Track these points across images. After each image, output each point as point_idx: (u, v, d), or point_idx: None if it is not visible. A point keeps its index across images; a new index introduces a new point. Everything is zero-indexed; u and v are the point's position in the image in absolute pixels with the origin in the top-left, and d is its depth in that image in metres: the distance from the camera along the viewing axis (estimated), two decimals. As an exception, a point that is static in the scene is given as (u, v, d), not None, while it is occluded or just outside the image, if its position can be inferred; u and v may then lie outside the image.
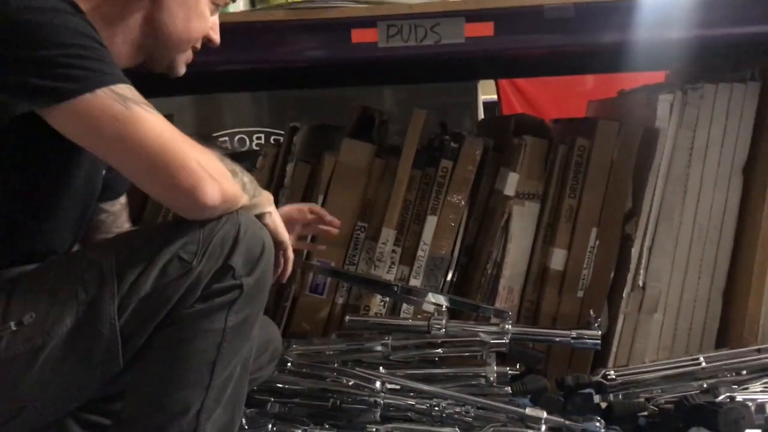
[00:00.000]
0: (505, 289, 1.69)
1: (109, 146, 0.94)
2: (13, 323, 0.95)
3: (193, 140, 0.98)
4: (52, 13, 0.92)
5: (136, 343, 0.99)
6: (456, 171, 1.69)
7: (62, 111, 0.91)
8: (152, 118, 0.94)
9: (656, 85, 1.94)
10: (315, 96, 2.70)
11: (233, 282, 1.00)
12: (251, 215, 1.06)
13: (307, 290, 1.74)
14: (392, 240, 1.71)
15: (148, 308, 0.97)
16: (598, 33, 1.50)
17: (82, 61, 0.92)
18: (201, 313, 0.99)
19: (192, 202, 0.96)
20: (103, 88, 0.92)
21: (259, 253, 1.03)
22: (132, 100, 0.94)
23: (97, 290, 0.96)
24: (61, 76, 0.90)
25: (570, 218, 1.68)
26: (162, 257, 0.97)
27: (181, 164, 0.93)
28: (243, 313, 1.02)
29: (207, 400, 1.01)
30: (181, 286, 0.97)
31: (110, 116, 0.91)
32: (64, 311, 0.96)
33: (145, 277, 0.97)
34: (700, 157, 1.63)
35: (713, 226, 1.64)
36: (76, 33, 0.93)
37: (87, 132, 0.93)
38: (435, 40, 1.46)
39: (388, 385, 1.41)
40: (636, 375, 1.48)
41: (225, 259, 0.99)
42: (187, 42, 1.13)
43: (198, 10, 1.12)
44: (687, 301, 1.66)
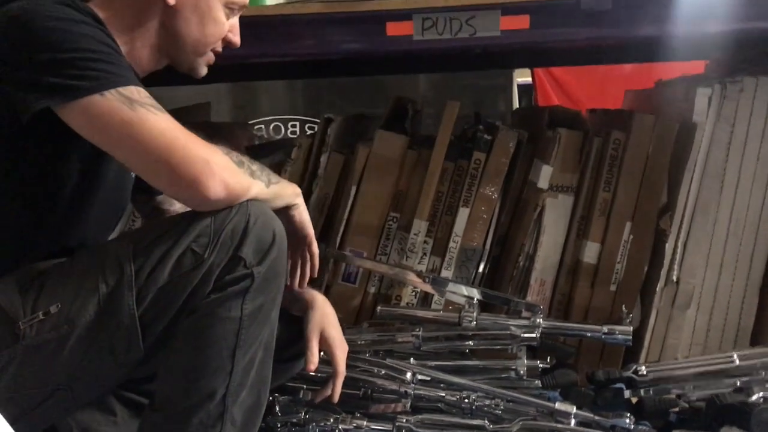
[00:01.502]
0: (537, 282, 1.70)
1: (116, 145, 1.01)
2: (41, 313, 1.01)
3: (197, 136, 1.03)
4: (72, 22, 1.00)
5: (155, 331, 1.04)
6: (489, 163, 1.69)
7: (74, 109, 0.98)
8: (156, 119, 1.00)
9: (695, 76, 1.92)
10: (350, 83, 2.71)
11: (245, 271, 1.04)
12: (262, 205, 1.08)
13: (340, 279, 1.76)
14: (424, 231, 1.72)
15: (165, 298, 1.03)
16: (635, 25, 1.48)
17: (95, 63, 0.99)
18: (217, 302, 1.03)
19: (195, 195, 1.01)
20: (111, 90, 0.99)
21: (270, 242, 1.06)
22: (138, 102, 1.00)
23: (116, 282, 1.02)
24: (75, 77, 0.98)
25: (604, 212, 1.67)
26: (176, 250, 1.02)
27: (183, 161, 0.99)
28: (258, 301, 1.06)
29: (231, 384, 1.05)
30: (195, 277, 1.02)
31: (117, 117, 0.98)
32: (86, 302, 1.02)
33: (161, 269, 1.02)
34: (738, 152, 1.60)
35: (750, 222, 1.62)
36: (93, 40, 1.01)
37: (96, 130, 1.00)
38: (470, 33, 1.46)
39: (418, 377, 1.42)
40: (668, 371, 1.48)
41: (235, 251, 1.03)
42: (204, 46, 1.18)
43: (212, 15, 1.17)
44: (721, 298, 1.64)
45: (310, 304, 1.27)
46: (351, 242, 1.74)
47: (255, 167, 1.12)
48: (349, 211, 1.73)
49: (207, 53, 1.19)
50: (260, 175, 1.12)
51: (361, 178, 1.73)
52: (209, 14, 1.16)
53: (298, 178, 1.76)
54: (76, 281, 1.03)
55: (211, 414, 1.05)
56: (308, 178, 1.77)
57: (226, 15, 1.19)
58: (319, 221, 1.78)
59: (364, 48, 1.51)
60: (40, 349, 1.01)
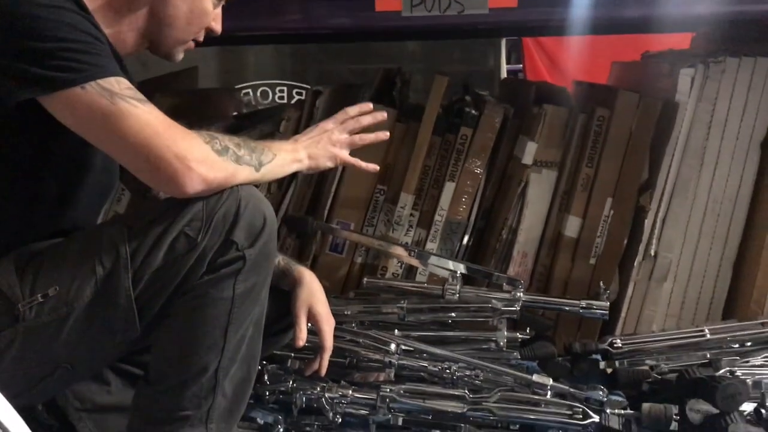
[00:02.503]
0: (520, 254, 1.74)
1: (98, 137, 1.03)
2: (39, 295, 1.04)
3: (178, 127, 1.04)
4: (56, 9, 1.00)
5: (151, 311, 1.08)
6: (475, 138, 1.72)
7: (55, 100, 1.00)
8: (136, 112, 1.01)
9: (680, 52, 1.94)
10: (338, 48, 2.70)
11: (236, 254, 1.07)
12: (253, 189, 1.10)
13: (328, 249, 1.80)
14: (410, 204, 1.75)
15: (159, 280, 1.06)
16: (624, 6, 1.49)
17: (78, 54, 0.99)
18: (210, 283, 1.07)
19: (175, 191, 1.04)
20: (91, 83, 0.99)
21: (261, 225, 1.09)
22: (119, 95, 1.01)
23: (112, 265, 1.05)
24: (58, 68, 0.98)
25: (586, 187, 1.70)
26: (170, 234, 1.05)
27: (159, 158, 1.01)
28: (250, 281, 1.09)
29: (223, 359, 1.10)
30: (189, 260, 1.05)
31: (97, 111, 1.00)
32: (84, 284, 1.04)
33: (156, 253, 1.05)
34: (718, 130, 1.64)
35: (727, 199, 1.67)
36: (75, 29, 1.01)
37: (78, 122, 1.02)
38: (458, 11, 1.47)
39: (402, 347, 1.47)
40: (641, 343, 1.53)
41: (227, 234, 1.06)
42: (189, 34, 1.20)
43: (201, 6, 1.18)
44: (697, 271, 1.70)
45: (298, 281, 1.31)
46: (339, 214, 1.77)
47: (242, 152, 1.12)
48: (337, 184, 1.76)
49: (189, 41, 1.21)
50: (249, 159, 1.13)
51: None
52: (198, 4, 1.17)
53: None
54: (73, 264, 1.06)
55: (204, 387, 1.09)
56: (297, 151, 1.78)
57: (213, 5, 1.20)
58: (307, 194, 1.80)
59: (353, 23, 1.52)
60: (40, 330, 1.04)
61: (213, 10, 1.20)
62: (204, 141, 1.06)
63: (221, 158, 1.07)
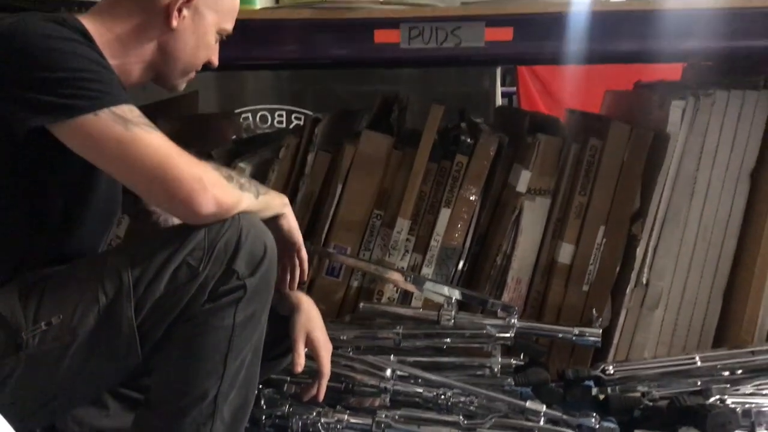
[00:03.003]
0: (514, 280, 1.76)
1: (111, 163, 1.05)
2: (43, 323, 1.06)
3: (189, 154, 1.07)
4: (66, 41, 1.04)
5: (153, 339, 1.10)
6: (471, 166, 1.75)
7: (67, 128, 1.02)
8: (150, 138, 1.04)
9: (672, 83, 1.98)
10: (336, 74, 2.74)
11: (237, 283, 1.09)
12: (254, 218, 1.13)
13: (324, 272, 1.82)
14: (407, 229, 1.77)
15: (161, 308, 1.08)
16: (616, 40, 1.53)
17: (88, 83, 1.02)
18: (210, 311, 1.09)
19: (188, 211, 1.06)
20: (104, 110, 1.02)
21: (262, 255, 1.11)
22: (132, 121, 1.04)
23: (115, 293, 1.07)
24: (69, 96, 1.01)
25: (579, 215, 1.73)
26: (172, 263, 1.07)
27: (175, 178, 1.03)
28: (250, 309, 1.12)
29: (222, 385, 1.12)
30: (190, 288, 1.07)
31: (111, 137, 1.02)
32: (87, 312, 1.07)
33: (158, 282, 1.07)
34: (709, 161, 1.67)
35: (718, 229, 1.70)
36: (84, 59, 1.04)
37: (90, 148, 1.04)
38: (455, 43, 1.50)
39: (397, 373, 1.49)
40: (633, 370, 1.56)
41: (228, 264, 1.09)
42: (193, 66, 1.24)
43: (206, 40, 1.22)
44: (688, 300, 1.72)
45: (296, 306, 1.33)
46: (336, 237, 1.79)
47: (243, 180, 1.17)
48: (335, 208, 1.78)
49: (191, 73, 1.25)
50: (249, 187, 1.17)
51: (347, 176, 1.78)
52: (204, 38, 1.21)
53: (285, 176, 1.80)
54: (76, 292, 1.08)
55: (203, 413, 1.11)
56: (295, 176, 1.81)
57: (216, 39, 1.24)
58: (305, 217, 1.82)
59: (352, 54, 1.55)
60: (42, 358, 1.06)
61: (214, 44, 1.24)
62: (213, 168, 1.10)
63: (230, 184, 1.11)
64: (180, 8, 1.17)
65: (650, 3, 1.50)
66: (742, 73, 1.77)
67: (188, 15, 1.18)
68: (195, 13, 1.19)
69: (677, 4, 1.49)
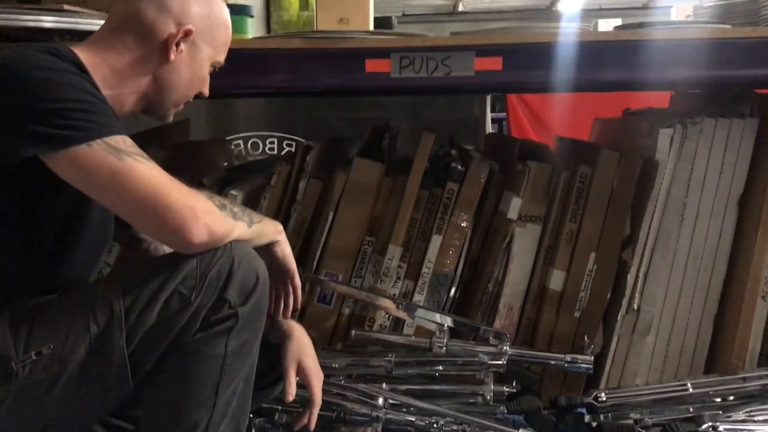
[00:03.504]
0: (505, 307, 1.76)
1: (103, 193, 1.06)
2: (33, 353, 1.05)
3: (181, 184, 1.07)
4: (59, 72, 1.05)
5: (144, 368, 1.09)
6: (461, 193, 1.76)
7: (61, 158, 1.02)
8: (142, 168, 1.04)
9: (660, 111, 2.00)
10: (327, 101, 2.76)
11: (229, 312, 1.09)
12: (246, 247, 1.14)
13: (316, 300, 1.81)
14: (398, 256, 1.78)
15: (153, 338, 1.07)
16: (604, 69, 1.55)
17: (81, 114, 1.03)
18: (202, 340, 1.09)
19: (180, 240, 1.06)
20: (98, 140, 1.03)
21: (254, 284, 1.11)
22: (124, 151, 1.04)
23: (106, 323, 1.06)
24: (62, 126, 1.01)
25: (570, 242, 1.74)
26: (164, 292, 1.07)
27: (168, 208, 1.03)
28: (242, 338, 1.12)
29: (214, 415, 1.12)
30: (182, 318, 1.07)
31: (104, 167, 1.03)
32: (78, 342, 1.06)
33: (150, 311, 1.07)
34: (697, 188, 1.69)
35: (707, 255, 1.71)
36: (78, 90, 1.05)
37: (83, 178, 1.04)
38: (445, 72, 1.52)
39: (389, 401, 1.48)
40: (626, 397, 1.56)
41: (220, 293, 1.09)
42: (185, 98, 1.26)
43: (201, 73, 1.24)
44: (679, 326, 1.73)
45: (288, 334, 1.32)
46: (327, 265, 1.79)
47: (237, 209, 1.18)
48: (326, 235, 1.79)
49: (182, 104, 1.27)
50: (242, 216, 1.17)
51: (338, 203, 1.79)
52: (199, 72, 1.23)
53: (276, 203, 1.81)
54: (67, 321, 1.07)
55: None
56: (287, 204, 1.82)
57: (210, 72, 1.26)
58: (297, 245, 1.82)
59: (343, 84, 1.56)
60: (32, 388, 1.05)
61: (207, 76, 1.26)
62: (206, 197, 1.10)
63: (222, 213, 1.11)
64: (178, 42, 1.18)
65: (636, 33, 1.52)
66: (729, 101, 1.79)
67: (185, 49, 1.20)
68: (192, 47, 1.21)
69: (663, 35, 1.52)
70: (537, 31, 1.58)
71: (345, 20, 3.11)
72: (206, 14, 1.22)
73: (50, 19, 1.46)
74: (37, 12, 1.45)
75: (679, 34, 1.52)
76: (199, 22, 1.20)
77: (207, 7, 1.22)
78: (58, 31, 1.51)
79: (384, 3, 6.79)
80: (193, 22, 1.19)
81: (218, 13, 1.24)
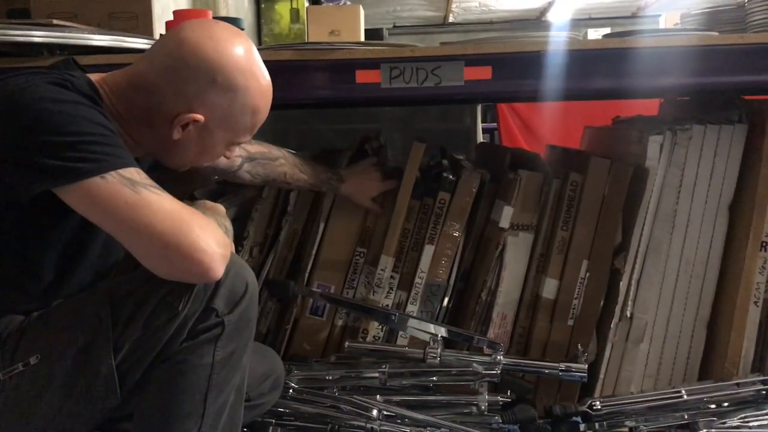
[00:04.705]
0: (499, 316, 1.76)
1: (119, 227, 1.02)
2: (20, 364, 1.05)
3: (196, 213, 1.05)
4: (72, 104, 1.03)
5: (132, 379, 1.09)
6: (453, 203, 1.76)
7: (74, 191, 1.00)
8: (160, 200, 1.02)
9: (649, 118, 2.01)
10: (318, 113, 2.76)
11: (216, 320, 1.09)
12: (235, 256, 1.13)
13: (308, 312, 1.81)
14: (390, 267, 1.77)
15: (140, 349, 1.07)
16: (593, 77, 1.56)
17: (95, 146, 1.01)
18: (189, 349, 1.08)
19: (202, 278, 1.04)
20: (112, 172, 1.01)
21: (242, 292, 1.11)
22: (140, 183, 1.02)
23: (94, 334, 1.06)
24: (75, 159, 0.99)
25: (562, 250, 1.74)
26: (151, 303, 1.06)
27: (192, 247, 1.00)
28: (229, 348, 1.11)
29: (203, 426, 1.11)
30: (170, 328, 1.06)
31: (120, 199, 1.00)
32: (65, 353, 1.06)
33: (137, 322, 1.06)
34: (688, 194, 1.69)
35: (699, 261, 1.71)
36: (91, 122, 1.03)
37: (97, 212, 1.02)
38: (435, 83, 1.52)
39: (384, 413, 1.48)
40: (620, 405, 1.56)
41: (207, 302, 1.08)
42: (191, 166, 1.25)
43: (211, 152, 1.22)
44: (672, 332, 1.73)
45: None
46: (319, 276, 1.79)
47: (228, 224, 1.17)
48: (318, 247, 1.78)
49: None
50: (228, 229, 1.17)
51: (330, 214, 1.79)
52: (208, 149, 1.21)
53: (268, 215, 1.80)
54: (55, 333, 1.07)
55: None
56: (278, 215, 1.82)
57: (228, 148, 1.23)
58: (289, 256, 1.82)
59: (334, 95, 1.56)
60: (19, 399, 1.05)
61: (224, 151, 1.24)
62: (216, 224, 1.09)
63: (227, 237, 1.11)
64: (185, 125, 1.15)
65: (625, 41, 1.53)
66: (719, 107, 1.80)
67: (194, 131, 1.16)
68: (203, 130, 1.16)
69: (652, 42, 1.53)
70: (526, 41, 1.59)
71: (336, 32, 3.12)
72: (227, 104, 1.15)
73: (40, 34, 1.45)
74: (26, 27, 1.45)
75: (668, 42, 1.53)
76: (216, 110, 1.15)
77: (230, 96, 1.14)
78: (47, 46, 1.50)
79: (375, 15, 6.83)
80: (207, 109, 1.14)
81: (244, 100, 1.16)
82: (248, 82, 1.16)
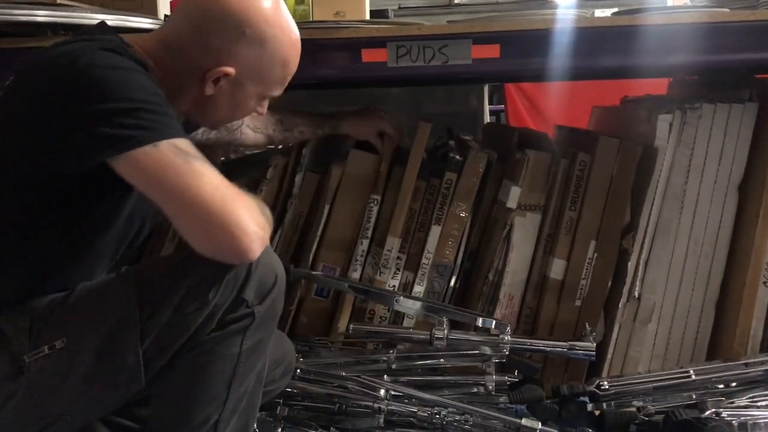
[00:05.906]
0: (506, 296, 1.76)
1: (167, 196, 1.00)
2: (47, 347, 1.04)
3: (240, 192, 1.03)
4: (126, 71, 1.01)
5: (157, 365, 1.08)
6: (460, 183, 1.74)
7: (126, 159, 0.98)
8: (210, 174, 1.00)
9: (658, 97, 1.98)
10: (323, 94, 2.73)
11: (246, 311, 1.08)
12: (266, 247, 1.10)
13: (313, 293, 1.80)
14: (397, 247, 1.76)
15: (168, 336, 1.06)
16: (601, 55, 1.54)
17: (148, 114, 0.99)
18: (217, 339, 1.07)
19: (238, 258, 1.02)
20: (164, 141, 0.99)
21: (272, 284, 1.10)
22: (191, 155, 1.01)
23: (121, 319, 1.05)
24: (130, 126, 0.98)
25: (570, 230, 1.73)
26: (181, 290, 1.04)
27: (234, 224, 0.98)
28: (256, 337, 1.10)
29: (224, 412, 1.11)
30: (199, 317, 1.05)
31: (171, 168, 0.98)
32: (92, 337, 1.05)
33: (166, 309, 1.04)
34: (697, 174, 1.68)
35: (708, 241, 1.70)
36: (143, 89, 1.01)
37: (149, 181, 1.00)
38: (442, 61, 1.51)
39: (391, 393, 1.48)
40: (628, 385, 1.55)
41: (238, 292, 1.07)
42: (227, 122, 1.27)
43: (244, 107, 1.21)
44: (680, 312, 1.72)
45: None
46: (324, 257, 1.78)
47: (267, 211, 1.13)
48: (323, 228, 1.78)
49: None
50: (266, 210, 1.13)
51: (335, 196, 1.78)
52: (241, 105, 1.20)
53: (273, 197, 1.79)
54: (82, 316, 1.06)
55: None
56: (283, 197, 1.81)
57: (259, 102, 1.22)
58: (294, 238, 1.82)
59: (340, 74, 1.55)
60: (43, 382, 1.04)
61: (255, 107, 1.23)
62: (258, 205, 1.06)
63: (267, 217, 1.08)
64: (217, 79, 1.14)
65: (634, 19, 1.51)
66: (728, 86, 1.78)
67: (226, 85, 1.15)
68: (234, 84, 1.16)
69: (661, 20, 1.50)
70: (534, 18, 1.57)
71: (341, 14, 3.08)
72: (257, 56, 1.14)
73: (43, 13, 1.44)
74: (29, 6, 1.43)
75: (677, 19, 1.50)
76: (245, 62, 1.14)
77: (259, 48, 1.14)
78: (51, 26, 1.49)
79: (379, -4, 6.74)
80: (238, 62, 1.13)
81: (274, 52, 1.16)
82: (277, 33, 1.16)
